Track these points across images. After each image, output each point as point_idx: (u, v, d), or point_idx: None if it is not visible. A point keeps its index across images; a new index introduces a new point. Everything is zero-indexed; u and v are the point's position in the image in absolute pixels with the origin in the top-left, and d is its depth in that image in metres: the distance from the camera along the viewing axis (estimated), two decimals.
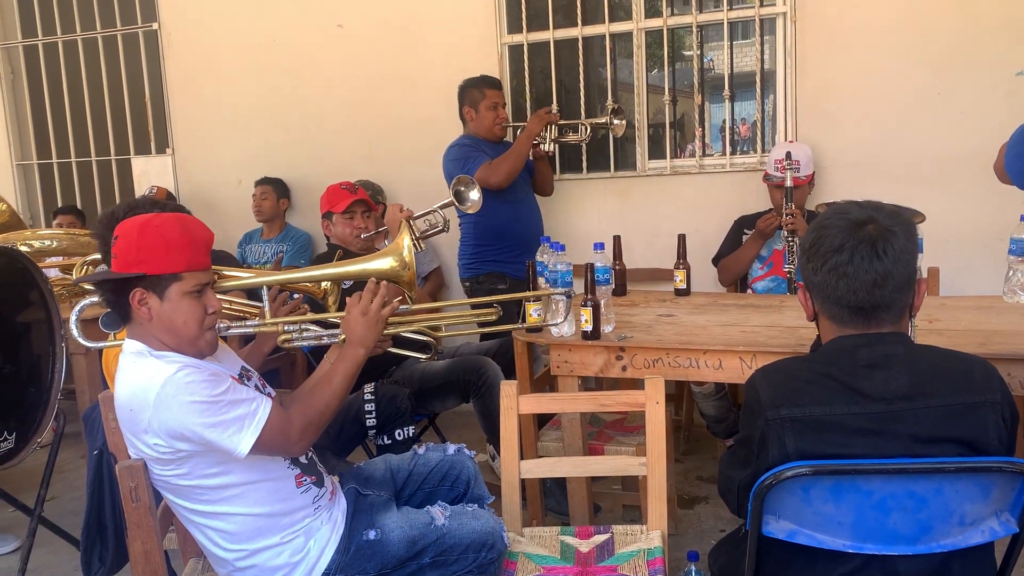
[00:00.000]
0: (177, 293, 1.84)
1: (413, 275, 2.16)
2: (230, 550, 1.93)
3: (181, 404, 1.75)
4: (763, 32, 4.17)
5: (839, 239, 1.56)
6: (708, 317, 2.92)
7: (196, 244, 1.87)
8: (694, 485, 3.61)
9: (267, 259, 4.89)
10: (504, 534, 2.07)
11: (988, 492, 1.51)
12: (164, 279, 1.83)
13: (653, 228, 4.34)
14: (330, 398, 1.97)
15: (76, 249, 3.80)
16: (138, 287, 1.84)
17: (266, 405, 1.85)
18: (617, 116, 3.94)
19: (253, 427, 1.80)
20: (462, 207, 3.31)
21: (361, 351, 2.03)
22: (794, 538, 1.57)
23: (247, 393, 1.86)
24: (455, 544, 2.00)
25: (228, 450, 1.79)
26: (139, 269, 1.82)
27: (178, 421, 1.75)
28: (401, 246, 2.17)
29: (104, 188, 5.75)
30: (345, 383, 2.00)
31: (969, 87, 3.80)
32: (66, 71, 5.70)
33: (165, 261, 1.82)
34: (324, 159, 4.97)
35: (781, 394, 1.58)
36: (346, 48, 4.85)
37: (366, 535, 1.99)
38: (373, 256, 2.22)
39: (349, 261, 2.30)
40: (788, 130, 4.10)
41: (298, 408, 1.94)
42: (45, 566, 3.18)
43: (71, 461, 4.21)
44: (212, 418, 1.76)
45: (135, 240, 1.82)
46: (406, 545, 1.98)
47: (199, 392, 1.76)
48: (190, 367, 1.81)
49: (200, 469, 1.84)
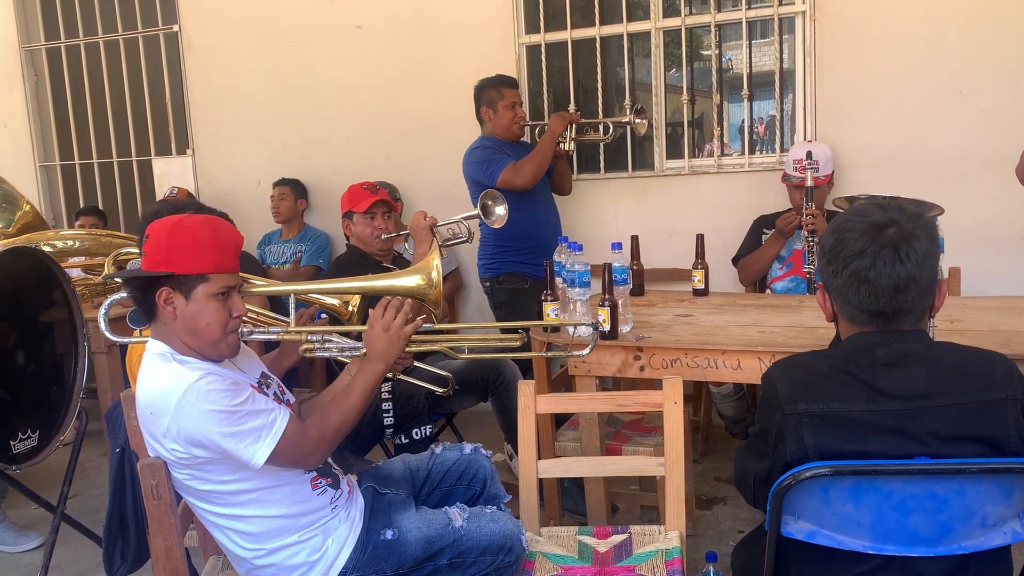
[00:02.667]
0: (203, 294, 1.86)
1: (440, 294, 2.16)
2: (249, 549, 1.94)
3: (201, 412, 1.76)
4: (782, 31, 4.15)
5: (860, 243, 1.54)
6: (726, 317, 2.91)
7: (225, 247, 1.88)
8: (712, 486, 3.60)
9: (286, 259, 4.92)
10: (522, 537, 2.06)
11: (1010, 493, 1.50)
12: (191, 279, 1.85)
13: (671, 228, 4.33)
14: (347, 413, 1.98)
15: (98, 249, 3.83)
16: (165, 286, 1.85)
17: (284, 417, 1.86)
18: (639, 115, 3.93)
19: (270, 439, 1.81)
20: (487, 221, 3.31)
21: (381, 367, 2.03)
22: (813, 539, 1.56)
23: (266, 404, 1.87)
24: (473, 546, 2.00)
25: (244, 460, 1.81)
26: (167, 268, 1.83)
27: (196, 428, 1.77)
28: (431, 265, 2.16)
29: (125, 189, 5.80)
30: (363, 398, 2.00)
31: (990, 86, 3.77)
32: (88, 73, 5.76)
33: (193, 261, 1.84)
34: (343, 160, 5.00)
35: (799, 389, 1.57)
36: (364, 50, 4.87)
37: (383, 535, 2.00)
38: (402, 273, 2.23)
39: (377, 276, 2.31)
40: (807, 130, 4.07)
41: (315, 421, 1.95)
42: (68, 562, 3.22)
43: (93, 459, 4.25)
44: (230, 428, 1.78)
45: (165, 239, 1.84)
46: (423, 545, 1.98)
47: (219, 401, 1.77)
48: (212, 375, 1.82)
49: (216, 475, 1.86)
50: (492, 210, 3.32)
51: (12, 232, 3.82)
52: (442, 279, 2.18)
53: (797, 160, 3.62)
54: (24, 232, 3.80)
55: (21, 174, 5.77)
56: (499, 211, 3.33)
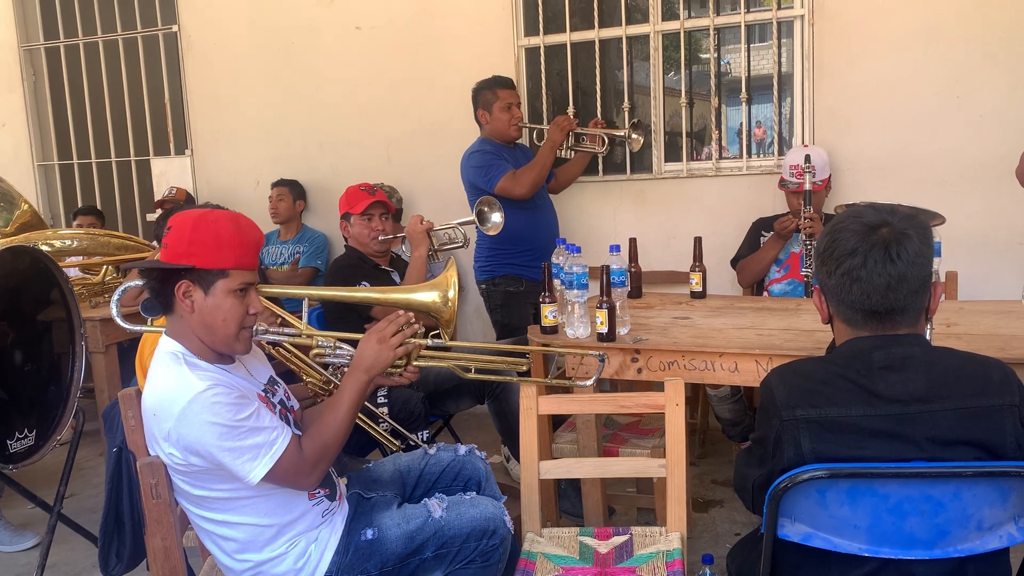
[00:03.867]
0: (222, 290, 1.85)
1: (454, 313, 2.14)
2: (238, 560, 1.94)
3: (203, 423, 1.76)
4: (780, 35, 4.16)
5: (852, 242, 1.56)
6: (724, 320, 2.91)
7: (246, 244, 1.88)
8: (709, 488, 3.60)
9: (284, 260, 4.92)
10: (506, 518, 2.03)
11: (1007, 497, 1.51)
12: (211, 274, 1.84)
13: (669, 230, 4.34)
14: (337, 428, 1.94)
15: (96, 249, 3.84)
16: (185, 279, 1.85)
17: (285, 438, 1.85)
18: (636, 130, 3.92)
19: (268, 458, 1.81)
20: (483, 228, 3.32)
21: (364, 377, 1.98)
22: (810, 541, 1.56)
23: (270, 421, 1.86)
24: (455, 535, 1.98)
25: (239, 476, 1.80)
26: (188, 261, 1.83)
27: (196, 439, 1.77)
28: (448, 282, 2.14)
29: (123, 189, 5.80)
30: (350, 411, 1.96)
31: (988, 90, 3.78)
32: (87, 73, 5.76)
33: (215, 256, 1.83)
34: (342, 161, 5.00)
35: (796, 395, 1.58)
36: (364, 51, 4.88)
37: (364, 535, 1.99)
38: (419, 287, 2.21)
39: (394, 288, 2.30)
40: (805, 133, 4.08)
41: (307, 442, 1.92)
42: (64, 562, 3.21)
43: (90, 459, 4.25)
44: (230, 442, 1.77)
45: (188, 233, 1.83)
46: (404, 541, 1.97)
47: (223, 414, 1.77)
48: (220, 386, 1.81)
49: (211, 484, 1.86)
50: (488, 217, 3.34)
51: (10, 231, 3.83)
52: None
53: (794, 166, 3.62)
54: (22, 231, 3.81)
55: (19, 173, 5.78)
56: (495, 218, 3.35)
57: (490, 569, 2.01)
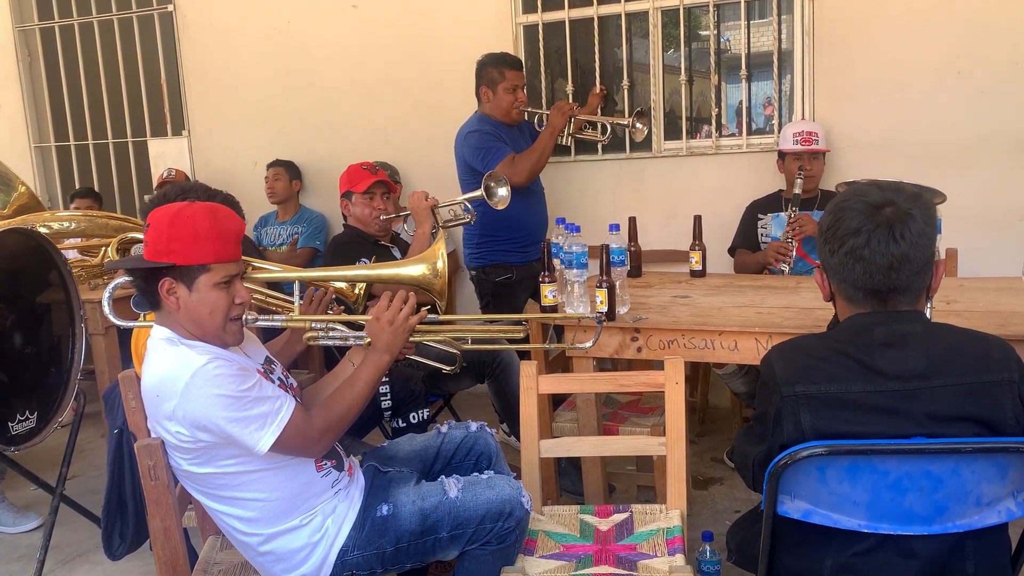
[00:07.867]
0: (206, 284, 1.85)
1: (445, 284, 2.15)
2: (250, 534, 1.95)
3: (208, 396, 1.76)
4: (780, 11, 4.13)
5: (856, 222, 1.55)
6: (724, 298, 2.91)
7: (226, 236, 1.87)
8: (708, 466, 3.61)
9: (282, 241, 4.91)
10: (523, 499, 2.00)
11: (1005, 472, 1.51)
12: (193, 270, 1.84)
13: (669, 209, 4.33)
14: (352, 402, 1.98)
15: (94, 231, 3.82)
16: (167, 277, 1.85)
17: (289, 405, 1.86)
18: (640, 118, 3.86)
19: (275, 426, 1.82)
20: (491, 201, 3.27)
21: (387, 357, 2.04)
22: (809, 518, 1.57)
23: (272, 391, 1.87)
24: (471, 517, 1.97)
25: (248, 446, 1.81)
26: (168, 259, 1.83)
27: (202, 412, 1.77)
28: (436, 254, 2.15)
29: (121, 170, 5.78)
30: (368, 388, 2.01)
31: (989, 66, 3.75)
32: (82, 53, 5.72)
33: (194, 252, 1.83)
34: (340, 141, 4.98)
35: (796, 371, 1.58)
36: (361, 29, 4.84)
37: (380, 510, 2.00)
38: (406, 262, 2.22)
39: (382, 264, 2.30)
40: (805, 110, 4.06)
41: (320, 411, 1.95)
42: (67, 543, 3.23)
43: (91, 440, 4.26)
44: (236, 413, 1.78)
45: (166, 230, 1.83)
46: (418, 518, 1.97)
47: (226, 386, 1.77)
48: (220, 359, 1.82)
49: (218, 460, 1.86)
50: (495, 191, 3.29)
51: (8, 213, 3.81)
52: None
53: (797, 133, 3.62)
54: (20, 213, 3.79)
55: (16, 155, 5.75)
56: (501, 192, 3.30)
57: (506, 550, 2.00)
